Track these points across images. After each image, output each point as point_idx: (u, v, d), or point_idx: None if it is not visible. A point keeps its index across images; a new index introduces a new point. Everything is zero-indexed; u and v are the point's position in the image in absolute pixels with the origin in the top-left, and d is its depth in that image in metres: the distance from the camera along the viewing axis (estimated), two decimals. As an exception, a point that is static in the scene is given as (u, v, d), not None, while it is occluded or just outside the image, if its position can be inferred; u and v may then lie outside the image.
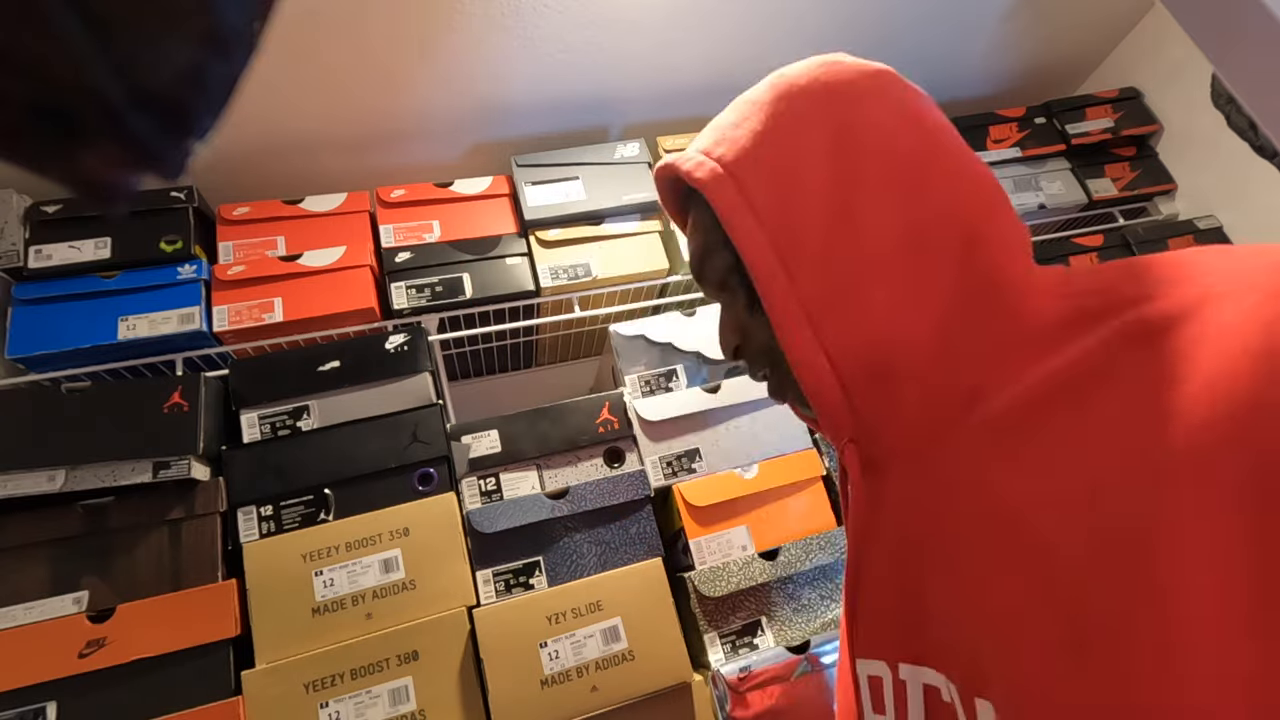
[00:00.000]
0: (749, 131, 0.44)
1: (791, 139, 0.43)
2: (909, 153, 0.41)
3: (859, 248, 0.40)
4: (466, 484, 0.94)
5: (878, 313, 0.39)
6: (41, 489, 0.82)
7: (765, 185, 0.42)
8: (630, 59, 1.21)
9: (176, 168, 0.24)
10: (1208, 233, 1.45)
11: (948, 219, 0.40)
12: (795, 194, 0.41)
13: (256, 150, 1.16)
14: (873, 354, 0.40)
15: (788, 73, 0.46)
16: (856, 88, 0.43)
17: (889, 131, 0.42)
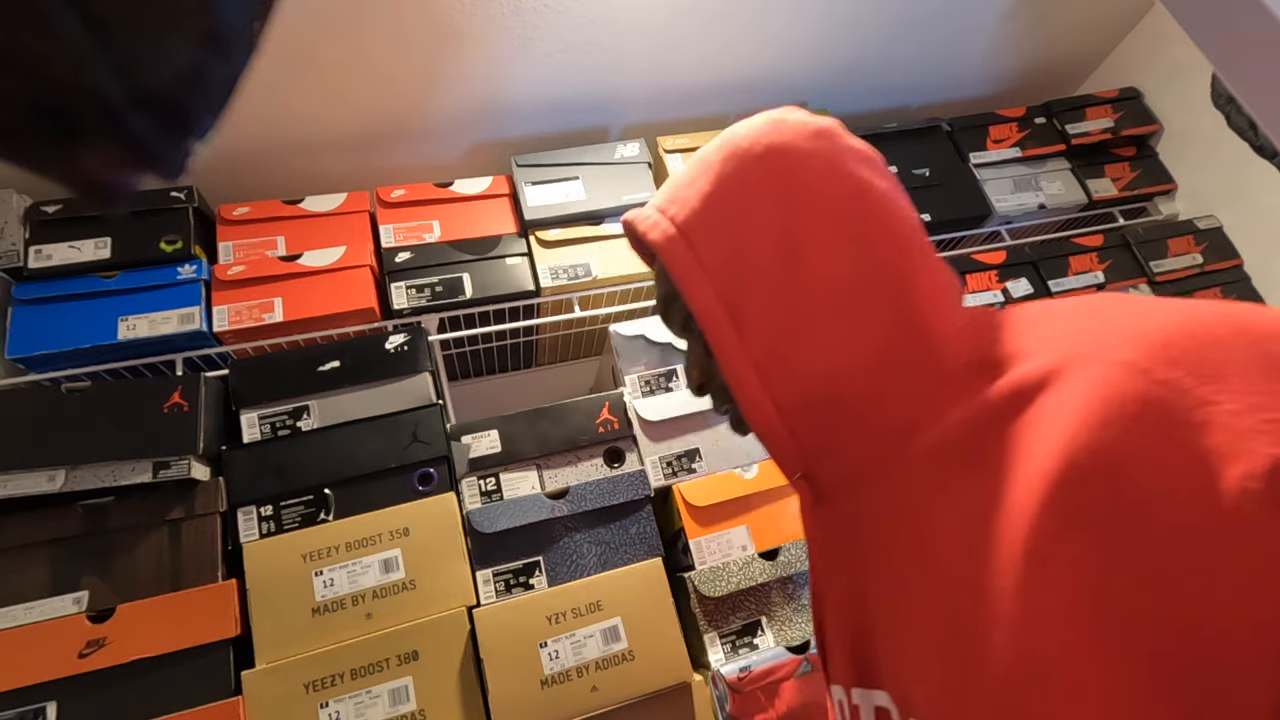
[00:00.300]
0: (699, 192, 0.48)
1: (739, 199, 0.46)
2: (846, 211, 0.45)
3: (800, 301, 0.44)
4: (466, 484, 0.94)
5: (818, 359, 0.43)
6: (41, 489, 0.82)
7: (715, 244, 0.46)
8: (630, 59, 1.21)
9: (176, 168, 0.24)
10: (1208, 232, 1.45)
11: (881, 272, 0.43)
12: (742, 252, 0.45)
13: (256, 150, 1.16)
14: (814, 397, 0.44)
15: (738, 133, 0.49)
16: (800, 149, 0.46)
17: (828, 192, 0.45)
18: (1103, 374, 0.31)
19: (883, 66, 1.43)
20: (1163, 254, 1.41)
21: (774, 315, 0.44)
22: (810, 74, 1.39)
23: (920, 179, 1.37)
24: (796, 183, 0.45)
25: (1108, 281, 1.35)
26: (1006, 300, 1.27)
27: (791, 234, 0.44)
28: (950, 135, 1.45)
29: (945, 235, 1.40)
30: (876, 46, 1.37)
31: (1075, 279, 1.33)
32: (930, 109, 1.63)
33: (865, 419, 0.43)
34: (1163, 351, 0.30)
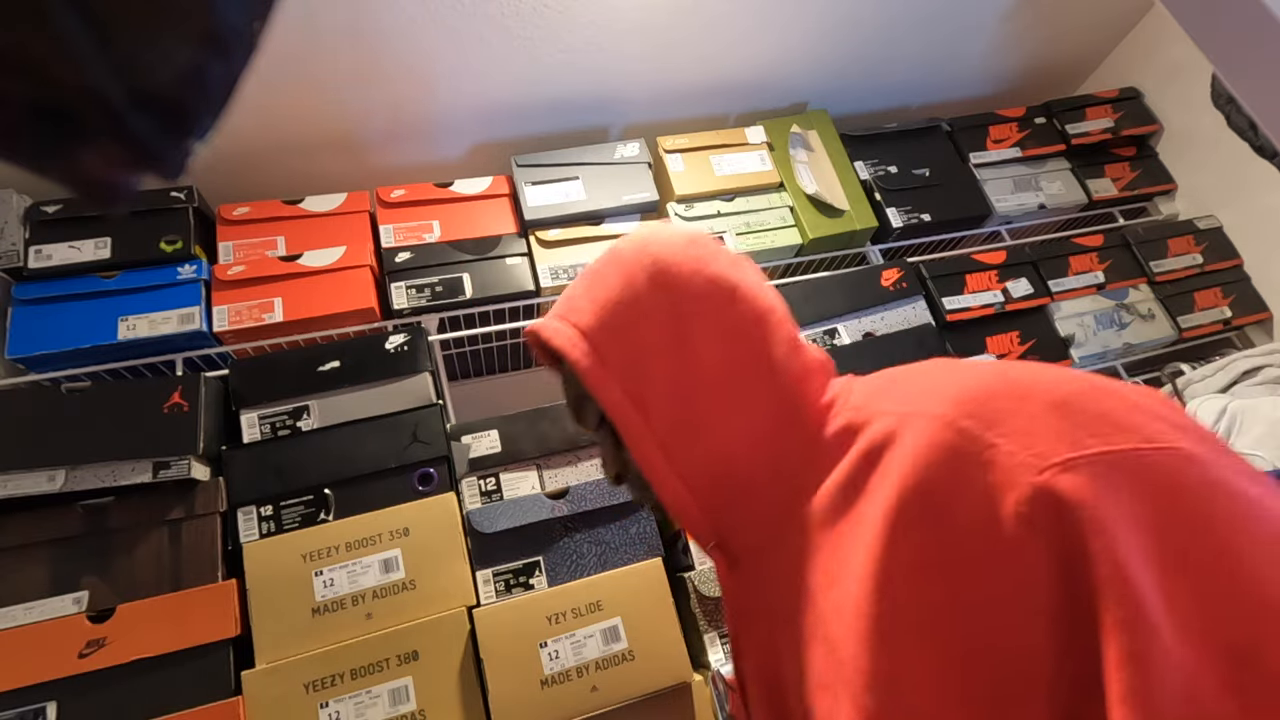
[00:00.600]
0: (596, 301, 0.53)
1: (631, 305, 0.52)
2: (721, 310, 0.51)
3: (694, 392, 0.50)
4: (466, 484, 0.94)
5: (715, 441, 0.49)
6: (41, 489, 0.82)
7: (615, 346, 0.51)
8: (631, 59, 1.21)
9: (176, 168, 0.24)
10: (1208, 232, 1.45)
11: (757, 362, 0.50)
12: (640, 352, 0.50)
13: (256, 150, 1.16)
14: (717, 474, 0.50)
15: (622, 247, 0.55)
16: (677, 258, 0.53)
17: (704, 293, 0.51)
18: (924, 427, 0.38)
19: (883, 66, 1.43)
20: (1163, 254, 1.41)
21: (673, 405, 0.49)
22: (810, 74, 1.39)
23: (920, 179, 1.37)
24: (677, 287, 0.51)
25: (1108, 281, 1.35)
26: (1006, 300, 1.27)
27: (679, 334, 0.50)
28: (950, 135, 1.45)
29: (945, 235, 1.40)
30: (876, 46, 1.37)
31: (1075, 279, 1.33)
32: (930, 109, 1.63)
33: (761, 492, 0.49)
34: (961, 406, 0.38)
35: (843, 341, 1.16)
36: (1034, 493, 0.32)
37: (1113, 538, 0.30)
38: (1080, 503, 0.31)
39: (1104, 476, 0.32)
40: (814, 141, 1.35)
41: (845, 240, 1.31)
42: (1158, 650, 0.29)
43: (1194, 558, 0.31)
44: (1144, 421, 0.34)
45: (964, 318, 1.23)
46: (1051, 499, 0.32)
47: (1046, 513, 0.32)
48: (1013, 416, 0.36)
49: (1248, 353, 1.30)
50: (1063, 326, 1.29)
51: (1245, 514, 0.31)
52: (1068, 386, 0.37)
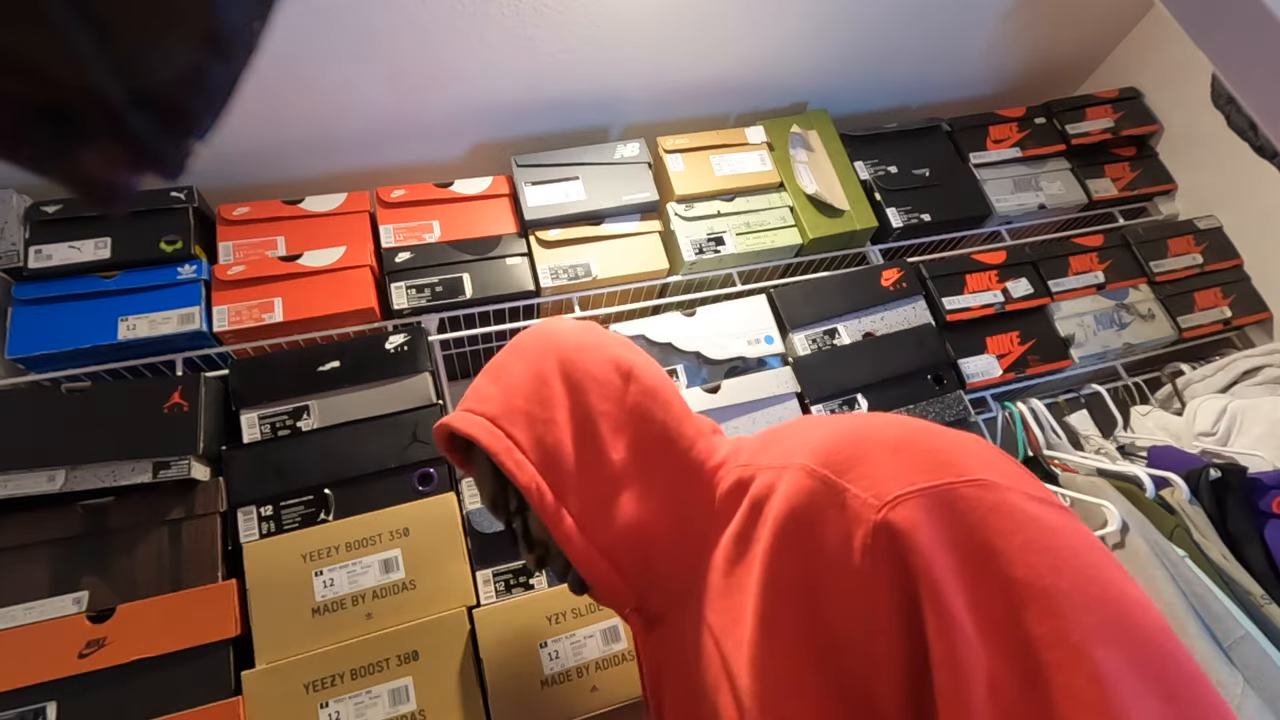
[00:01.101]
0: (502, 388, 0.57)
1: (537, 389, 0.56)
2: (620, 386, 0.56)
3: (603, 471, 0.54)
4: (466, 484, 0.94)
5: (629, 514, 0.53)
6: (41, 489, 0.82)
7: (524, 429, 0.55)
8: (630, 59, 1.21)
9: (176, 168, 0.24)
10: (1208, 232, 1.45)
11: (658, 436, 0.55)
12: (547, 432, 0.55)
13: (256, 150, 1.16)
14: (633, 540, 0.53)
15: (523, 340, 0.60)
16: (576, 340, 0.58)
17: (604, 373, 0.57)
18: (792, 477, 0.44)
19: (882, 66, 1.43)
20: (1163, 254, 1.41)
21: (586, 483, 0.54)
22: (810, 74, 1.39)
23: (920, 179, 1.37)
24: (579, 369, 0.56)
25: (1108, 281, 1.35)
26: (1006, 300, 1.27)
27: (584, 415, 0.55)
28: (950, 135, 1.45)
29: (945, 235, 1.40)
30: (876, 46, 1.37)
31: (1075, 279, 1.33)
32: (930, 109, 1.63)
33: (671, 552, 0.53)
34: (821, 456, 0.43)
35: (843, 341, 1.16)
36: (874, 528, 0.38)
37: (930, 559, 0.36)
38: (907, 531, 0.37)
39: (925, 508, 0.37)
40: (814, 141, 1.35)
41: (845, 240, 1.31)
42: (965, 650, 0.34)
43: (989, 568, 0.36)
44: (960, 458, 0.40)
45: (964, 318, 1.23)
46: (887, 531, 0.37)
47: (884, 543, 0.37)
48: (860, 463, 0.41)
49: (1248, 353, 1.30)
50: (1063, 326, 1.29)
51: (1030, 527, 0.37)
52: (902, 432, 0.42)
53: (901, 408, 1.10)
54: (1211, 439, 1.17)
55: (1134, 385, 1.38)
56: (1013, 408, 1.20)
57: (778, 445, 0.49)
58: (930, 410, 1.11)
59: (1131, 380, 1.38)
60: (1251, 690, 0.80)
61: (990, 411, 1.22)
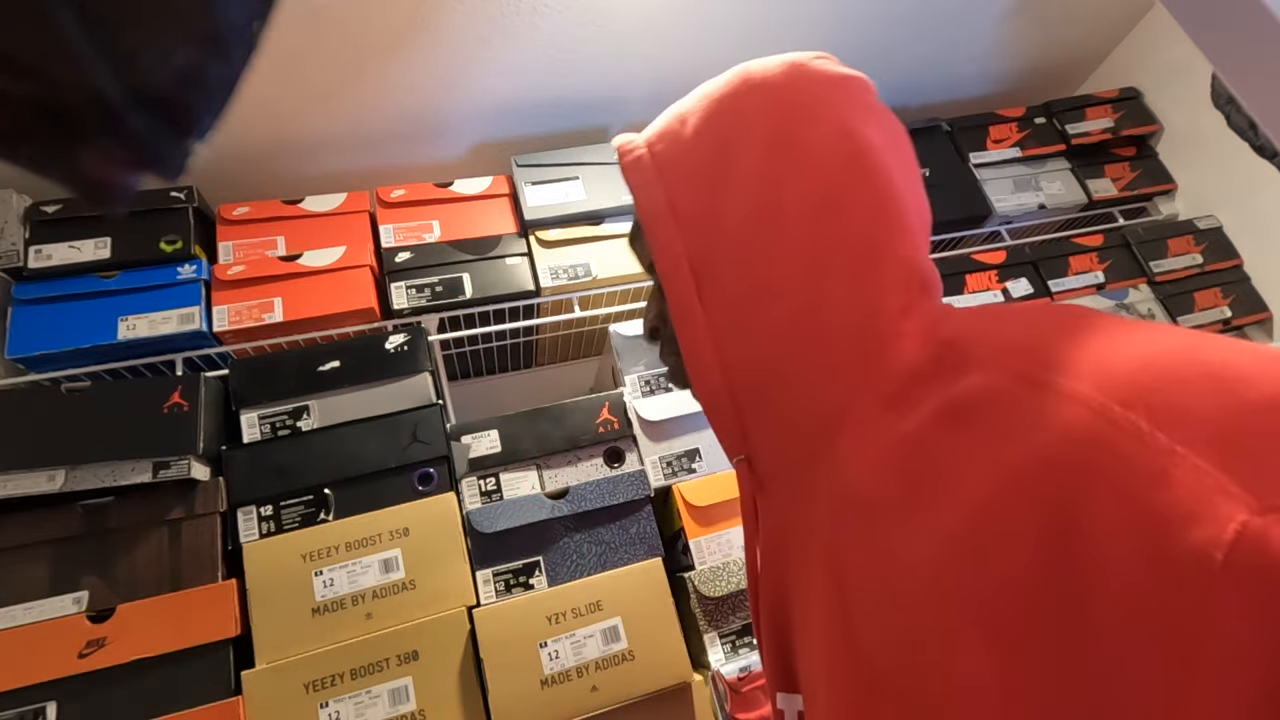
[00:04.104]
0: (693, 129, 0.45)
1: (730, 143, 0.43)
2: (836, 171, 0.41)
3: (768, 266, 0.41)
4: (466, 484, 0.94)
5: (774, 336, 0.40)
6: (41, 489, 0.82)
7: (693, 192, 0.43)
8: (630, 59, 1.21)
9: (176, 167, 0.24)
10: (1208, 232, 1.45)
11: (851, 244, 0.40)
12: (720, 207, 0.42)
13: (256, 150, 1.16)
14: (763, 377, 0.41)
15: (753, 70, 0.45)
16: (807, 97, 0.43)
17: (824, 146, 0.41)
18: (1052, 406, 0.27)
19: (882, 66, 1.43)
20: (1163, 254, 1.41)
21: (740, 280, 0.41)
22: (810, 74, 1.39)
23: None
24: (794, 139, 0.41)
25: (1108, 281, 1.35)
26: (1007, 300, 1.27)
27: (775, 198, 0.41)
28: (950, 135, 1.45)
29: (945, 235, 1.40)
30: (876, 46, 1.37)
31: (1075, 279, 1.33)
32: (930, 109, 1.63)
33: (801, 408, 0.40)
34: (1119, 387, 0.26)
35: (843, 341, 1.16)
36: (1241, 537, 0.21)
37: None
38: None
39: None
40: (814, 141, 1.35)
41: (845, 240, 1.31)
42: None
43: None
44: None
45: (964, 318, 1.23)
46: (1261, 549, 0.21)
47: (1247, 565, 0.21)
48: (1199, 416, 0.24)
49: (1248, 353, 1.30)
50: (1063, 326, 1.29)
51: None
52: None
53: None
54: (1211, 439, 1.16)
55: (1134, 385, 1.38)
56: (1013, 408, 1.20)
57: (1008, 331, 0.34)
58: (930, 410, 1.11)
59: (1131, 380, 1.37)
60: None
61: (990, 411, 1.21)
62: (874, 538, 0.34)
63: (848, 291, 0.40)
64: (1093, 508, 0.25)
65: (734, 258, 0.41)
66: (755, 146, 0.42)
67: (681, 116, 0.46)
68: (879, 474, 0.34)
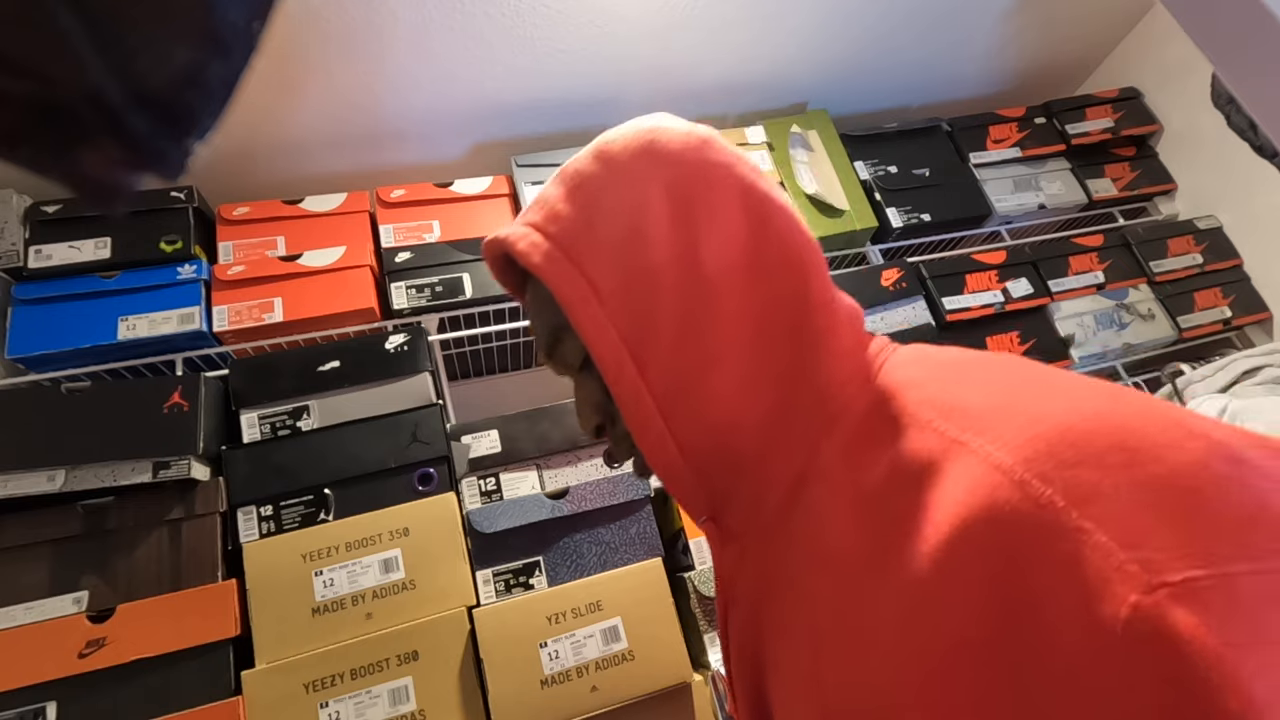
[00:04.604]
0: (582, 207, 0.42)
1: (630, 216, 0.41)
2: (749, 230, 0.41)
3: (707, 334, 0.40)
4: (466, 484, 0.94)
5: (722, 404, 0.40)
6: (41, 489, 0.82)
7: (608, 269, 0.40)
8: (630, 59, 1.21)
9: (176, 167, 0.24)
10: (1208, 232, 1.45)
11: (780, 302, 0.40)
12: (641, 278, 0.40)
13: (256, 150, 1.16)
14: (718, 443, 0.41)
15: (614, 141, 0.44)
16: (688, 157, 0.42)
17: (723, 211, 0.41)
18: (980, 477, 0.29)
19: (883, 66, 1.43)
20: (1163, 254, 1.41)
21: (680, 352, 0.40)
22: (810, 74, 1.39)
23: (920, 179, 1.37)
24: (700, 205, 0.40)
25: (1108, 281, 1.35)
26: (1006, 300, 1.27)
27: (696, 269, 0.39)
28: (950, 135, 1.45)
29: (945, 235, 1.39)
30: (876, 46, 1.37)
31: (1075, 279, 1.33)
32: (930, 109, 1.63)
33: (766, 464, 0.41)
34: (1039, 459, 0.28)
35: (843, 341, 1.16)
36: (1134, 615, 0.24)
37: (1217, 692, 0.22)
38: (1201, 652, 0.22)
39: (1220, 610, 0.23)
40: (814, 141, 1.35)
41: (845, 240, 1.31)
42: None
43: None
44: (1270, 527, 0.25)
45: (964, 318, 1.23)
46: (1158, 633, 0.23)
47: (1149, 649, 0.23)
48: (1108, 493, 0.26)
49: (1248, 353, 1.30)
50: (1063, 326, 1.29)
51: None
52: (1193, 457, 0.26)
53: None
54: (1211, 439, 1.16)
55: (1134, 385, 1.38)
56: (1013, 408, 1.20)
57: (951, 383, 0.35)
58: (930, 410, 1.11)
59: (1131, 380, 1.38)
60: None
61: (990, 411, 1.21)
62: (843, 592, 0.35)
63: (788, 348, 0.40)
64: (1021, 581, 0.27)
65: (668, 335, 0.40)
66: (661, 220, 0.40)
67: (562, 197, 0.44)
68: (847, 529, 0.36)
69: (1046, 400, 0.31)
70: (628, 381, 0.40)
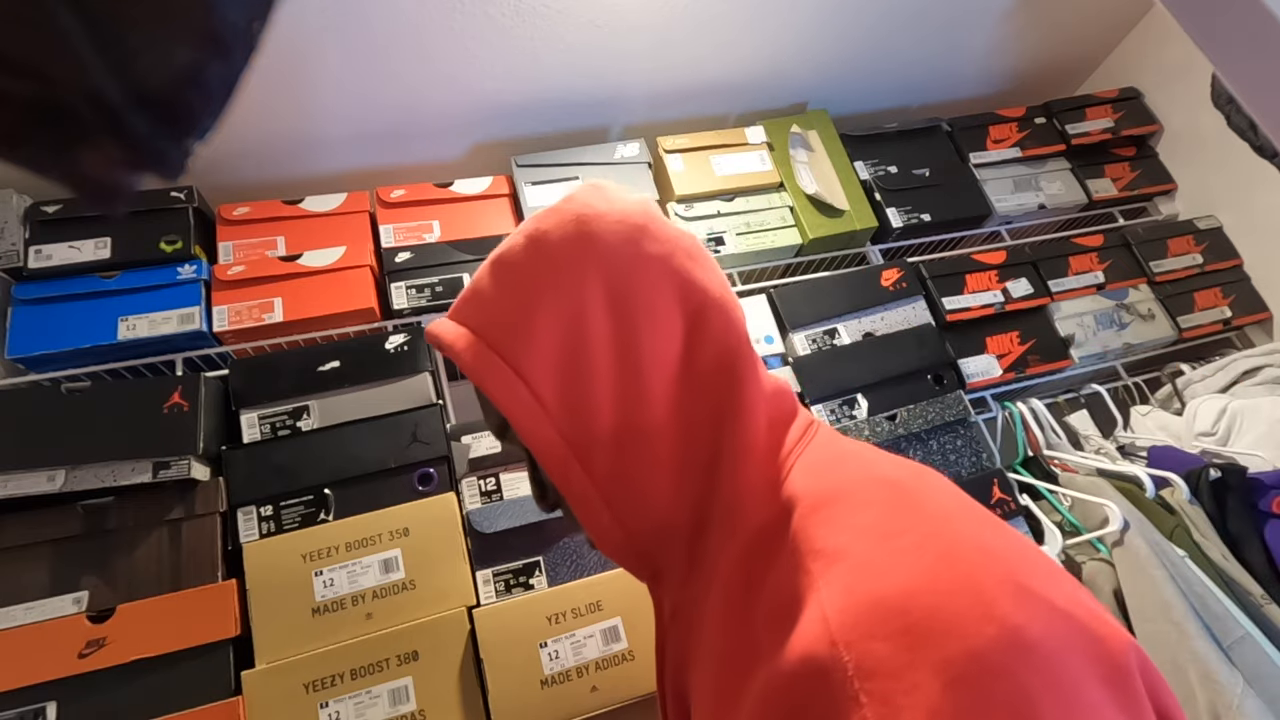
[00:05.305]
0: (518, 304, 0.42)
1: (567, 316, 0.41)
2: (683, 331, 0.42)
3: (644, 433, 0.42)
4: (466, 484, 0.94)
5: (659, 496, 0.43)
6: (41, 489, 0.82)
7: (547, 371, 0.41)
8: (630, 59, 1.21)
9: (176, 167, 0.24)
10: (1208, 232, 1.45)
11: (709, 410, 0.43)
12: (582, 381, 0.41)
13: (256, 150, 1.16)
14: (657, 527, 0.44)
15: (548, 229, 0.44)
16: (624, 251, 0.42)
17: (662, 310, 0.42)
18: (811, 628, 0.32)
19: (882, 66, 1.43)
20: (1163, 254, 1.41)
21: (619, 446, 0.42)
22: (810, 74, 1.39)
23: (920, 179, 1.37)
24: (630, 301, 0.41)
25: (1108, 281, 1.35)
26: (1006, 300, 1.27)
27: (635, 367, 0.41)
28: (950, 135, 1.45)
29: (945, 235, 1.39)
30: (876, 46, 1.37)
31: (1075, 279, 1.33)
32: (930, 109, 1.63)
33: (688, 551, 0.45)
34: (850, 625, 0.31)
35: (843, 341, 1.16)
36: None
37: None
38: None
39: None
40: (814, 141, 1.35)
41: (845, 240, 1.31)
42: None
43: None
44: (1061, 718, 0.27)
45: (964, 318, 1.23)
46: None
47: None
48: (892, 673, 0.29)
49: (1248, 353, 1.30)
50: (1063, 326, 1.29)
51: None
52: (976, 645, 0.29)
53: (901, 407, 1.10)
54: (1211, 439, 1.17)
55: (1134, 385, 1.38)
56: (1013, 408, 1.20)
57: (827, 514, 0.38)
58: (930, 410, 1.11)
59: (1131, 380, 1.38)
60: (1251, 690, 0.80)
61: (990, 411, 1.22)
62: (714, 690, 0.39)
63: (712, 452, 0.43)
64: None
65: (608, 435, 0.42)
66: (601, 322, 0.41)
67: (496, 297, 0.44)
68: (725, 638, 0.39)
69: (884, 554, 0.34)
70: (575, 480, 0.43)
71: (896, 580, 0.32)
